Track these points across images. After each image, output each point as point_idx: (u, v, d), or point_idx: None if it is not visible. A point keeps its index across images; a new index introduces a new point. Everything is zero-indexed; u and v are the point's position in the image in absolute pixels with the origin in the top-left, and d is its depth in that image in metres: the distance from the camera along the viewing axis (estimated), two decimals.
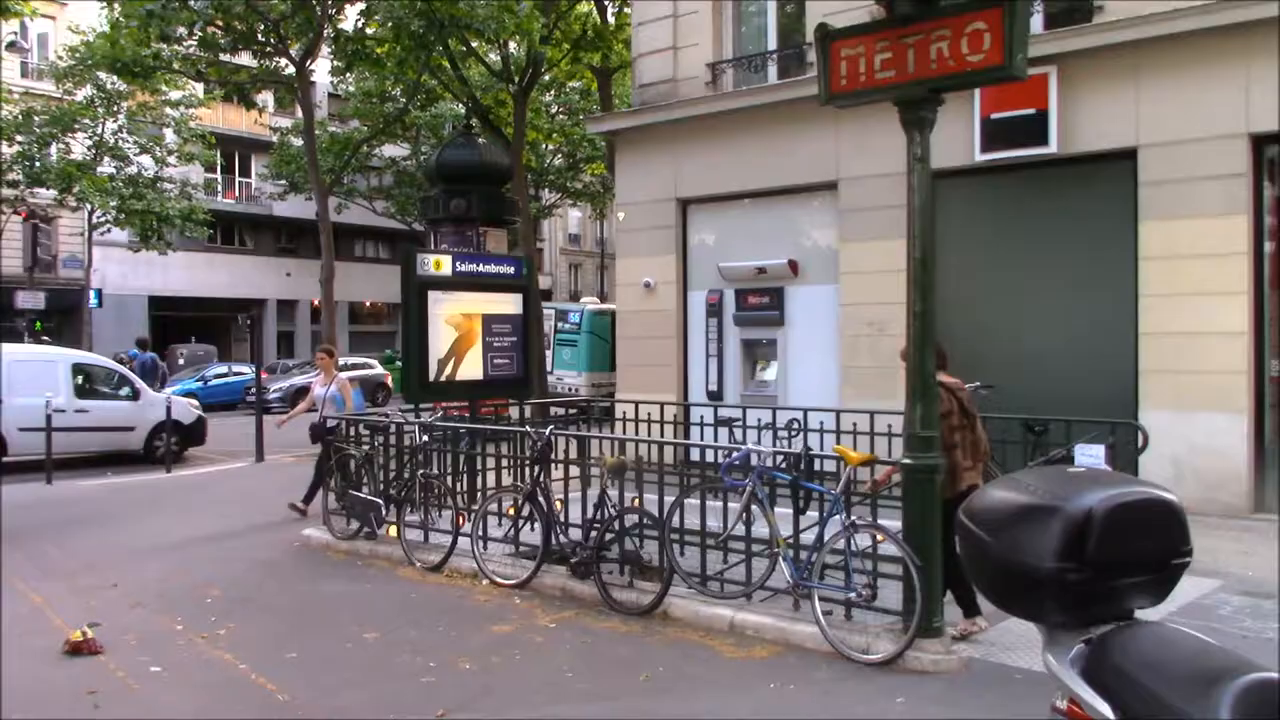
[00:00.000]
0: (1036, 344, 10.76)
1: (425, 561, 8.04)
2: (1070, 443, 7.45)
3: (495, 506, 8.24)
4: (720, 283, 13.33)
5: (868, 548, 5.99)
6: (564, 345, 22.55)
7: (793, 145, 12.39)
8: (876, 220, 11.60)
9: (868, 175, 11.71)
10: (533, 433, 7.75)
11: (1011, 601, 2.03)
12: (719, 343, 13.32)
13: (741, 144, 12.90)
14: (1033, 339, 10.81)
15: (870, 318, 11.73)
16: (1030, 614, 2.00)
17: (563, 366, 22.33)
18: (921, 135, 5.63)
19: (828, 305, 12.33)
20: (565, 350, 22.48)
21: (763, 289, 12.91)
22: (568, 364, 22.28)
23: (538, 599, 7.05)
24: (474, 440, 9.55)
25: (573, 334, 22.40)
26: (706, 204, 13.64)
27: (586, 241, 51.48)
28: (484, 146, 14.37)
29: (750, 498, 6.32)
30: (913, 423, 5.65)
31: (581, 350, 22.01)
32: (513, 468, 9.68)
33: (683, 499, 6.84)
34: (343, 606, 6.94)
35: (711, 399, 12.96)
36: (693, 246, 13.79)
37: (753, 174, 12.84)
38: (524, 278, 10.50)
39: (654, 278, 13.82)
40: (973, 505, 2.11)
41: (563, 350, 22.53)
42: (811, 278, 12.58)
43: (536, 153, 30.40)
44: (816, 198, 12.57)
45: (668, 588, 6.54)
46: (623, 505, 7.13)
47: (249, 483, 13.50)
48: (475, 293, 9.95)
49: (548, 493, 7.46)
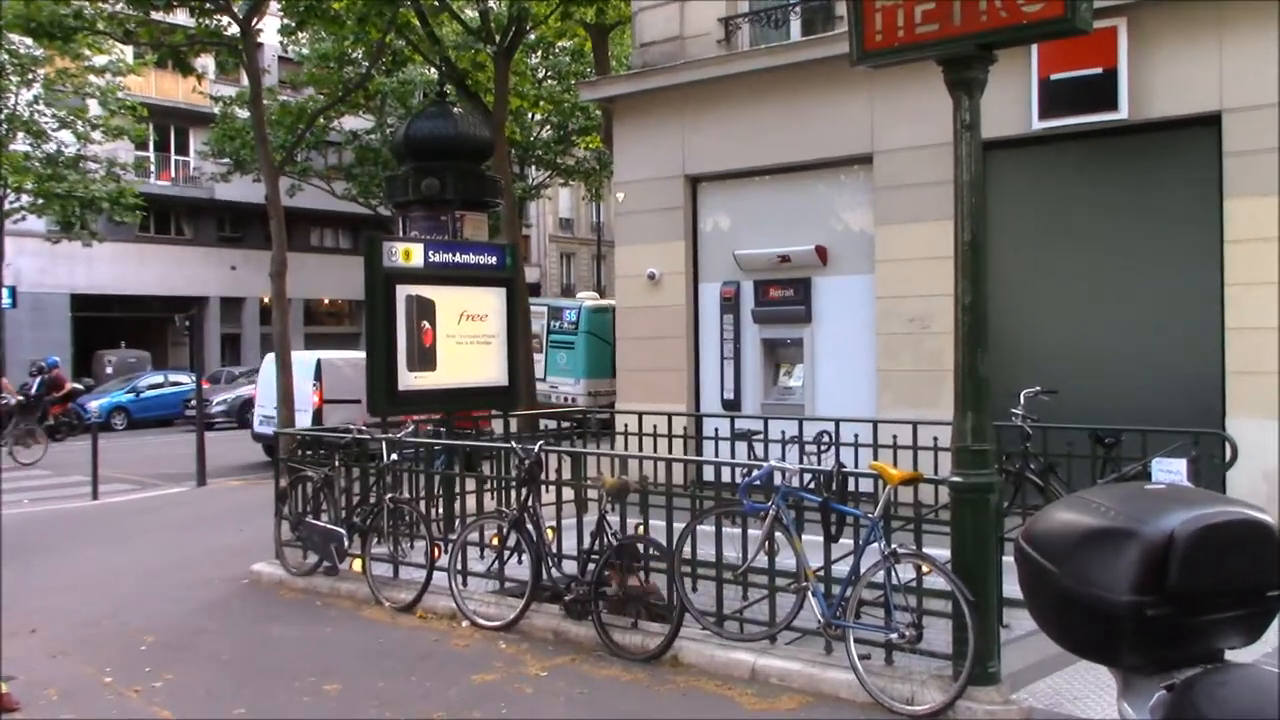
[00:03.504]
0: (1105, 342, 10.80)
1: (395, 600, 8.06)
2: (1146, 456, 7.49)
3: (476, 536, 8.25)
4: (737, 273, 13.38)
5: (911, 581, 6.02)
6: (559, 348, 22.64)
7: (820, 112, 12.43)
8: (918, 199, 11.61)
9: (907, 147, 11.74)
10: (519, 450, 7.80)
11: (1080, 641, 2.03)
12: (735, 343, 13.36)
13: (760, 112, 12.92)
14: (1101, 336, 10.84)
15: (911, 312, 11.75)
16: (1102, 656, 2.00)
17: (558, 373, 22.44)
18: (970, 99, 5.64)
19: (862, 298, 12.35)
20: (560, 354, 22.59)
21: (786, 280, 12.94)
22: (563, 370, 22.38)
23: (526, 643, 7.06)
24: (451, 459, 9.59)
25: (569, 335, 22.47)
26: (720, 182, 13.63)
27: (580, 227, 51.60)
28: (460, 117, 14.42)
29: (774, 523, 6.34)
30: (963, 434, 5.66)
31: (579, 354, 22.04)
32: (496, 491, 9.73)
33: (695, 525, 6.86)
34: (298, 654, 6.96)
35: (727, 409, 13.02)
36: (704, 231, 13.83)
37: (773, 146, 12.87)
38: (508, 269, 10.53)
39: (659, 268, 13.86)
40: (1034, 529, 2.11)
41: (557, 354, 22.63)
42: (843, 266, 12.62)
43: (521, 124, 30.44)
44: (848, 173, 12.60)
45: (678, 629, 6.55)
46: (625, 533, 7.17)
47: (189, 510, 13.55)
48: (451, 287, 10.00)
49: (537, 519, 7.47)
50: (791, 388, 13.05)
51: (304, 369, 16.99)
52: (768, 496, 6.46)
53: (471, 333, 10.17)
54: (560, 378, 22.37)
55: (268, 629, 7.66)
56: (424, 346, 9.86)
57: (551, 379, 22.46)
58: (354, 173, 33.47)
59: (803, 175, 12.87)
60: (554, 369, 22.61)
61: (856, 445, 9.73)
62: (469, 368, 10.15)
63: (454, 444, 9.68)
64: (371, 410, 10.12)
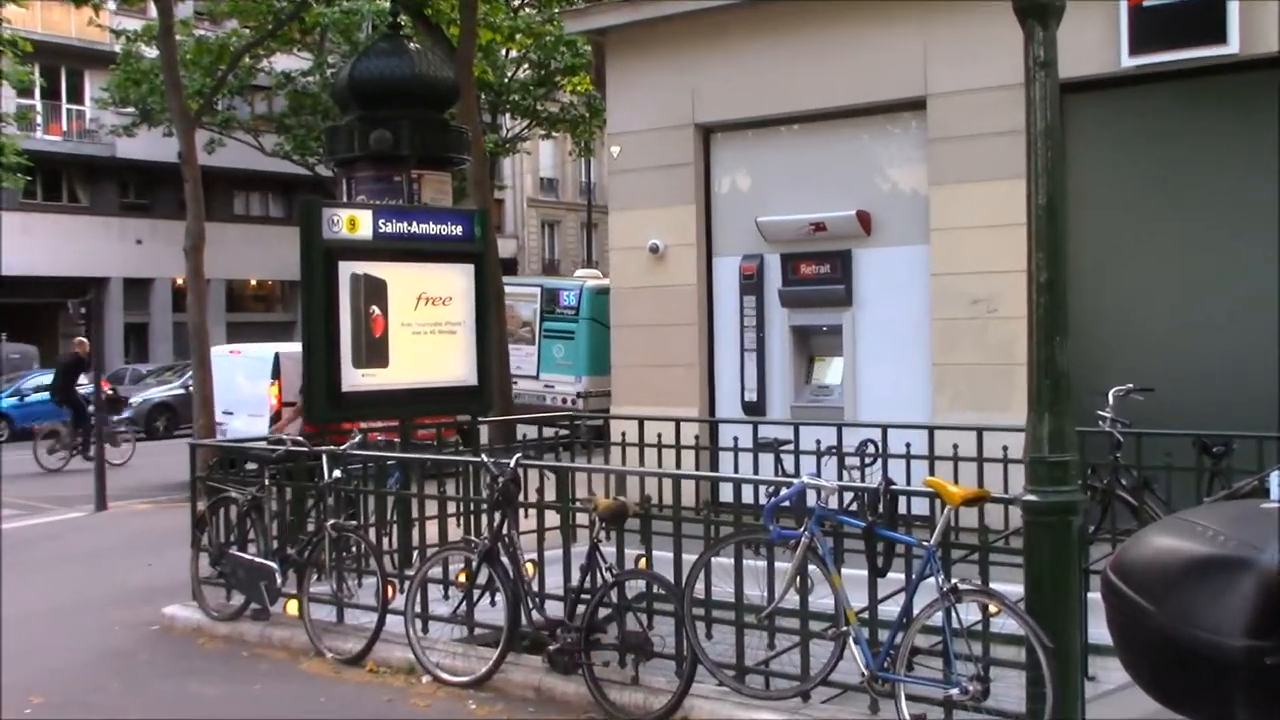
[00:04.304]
0: (1211, 329, 10.80)
1: (340, 651, 8.05)
2: (1263, 468, 7.45)
3: (439, 571, 8.23)
4: (760, 245, 13.31)
5: (976, 623, 6.00)
6: (555, 338, 22.62)
7: (862, 47, 12.39)
8: (982, 152, 11.57)
9: (969, 89, 11.74)
10: (492, 465, 7.78)
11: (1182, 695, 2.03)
12: (759, 332, 13.30)
13: (787, 46, 12.84)
14: (1207, 320, 10.84)
15: (974, 292, 11.71)
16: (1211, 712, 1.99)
17: (554, 369, 22.43)
18: (1045, 30, 5.62)
19: (914, 275, 12.31)
20: (557, 346, 22.56)
21: (821, 254, 12.86)
22: (561, 365, 22.34)
23: (502, 703, 7.03)
24: (407, 476, 9.56)
25: (568, 322, 22.37)
26: (738, 132, 13.48)
27: (566, 189, 51.58)
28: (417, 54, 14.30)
29: (806, 554, 6.33)
30: (1038, 442, 5.65)
31: (581, 345, 21.95)
32: (464, 515, 9.70)
33: (709, 557, 6.84)
34: (221, 718, 6.88)
35: (749, 413, 12.96)
36: (719, 194, 13.73)
37: (804, 89, 12.80)
38: (477, 241, 10.51)
39: (663, 239, 13.79)
40: (1125, 558, 2.11)
41: (553, 346, 22.62)
42: (890, 236, 12.56)
43: (493, 62, 30.40)
44: (896, 122, 12.52)
45: (689, 684, 6.52)
46: (623, 567, 7.14)
47: (86, 541, 13.55)
48: (407, 264, 9.98)
49: (514, 551, 7.46)
50: (828, 386, 13.03)
51: (258, 366, 17.03)
52: (799, 521, 6.45)
53: (432, 320, 10.13)
54: (557, 375, 22.36)
55: (183, 686, 7.60)
56: (373, 338, 9.83)
57: (547, 376, 22.44)
58: (287, 124, 33.42)
59: (840, 124, 12.80)
60: (550, 364, 22.56)
61: (908, 457, 9.70)
62: (429, 363, 10.11)
63: (411, 457, 9.63)
64: (309, 417, 10.13)
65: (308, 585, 8.46)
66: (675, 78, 13.67)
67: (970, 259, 11.70)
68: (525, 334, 23.21)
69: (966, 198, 11.77)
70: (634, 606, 7.05)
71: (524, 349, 23.04)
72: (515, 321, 23.07)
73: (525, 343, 23.10)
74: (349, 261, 9.67)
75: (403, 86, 13.34)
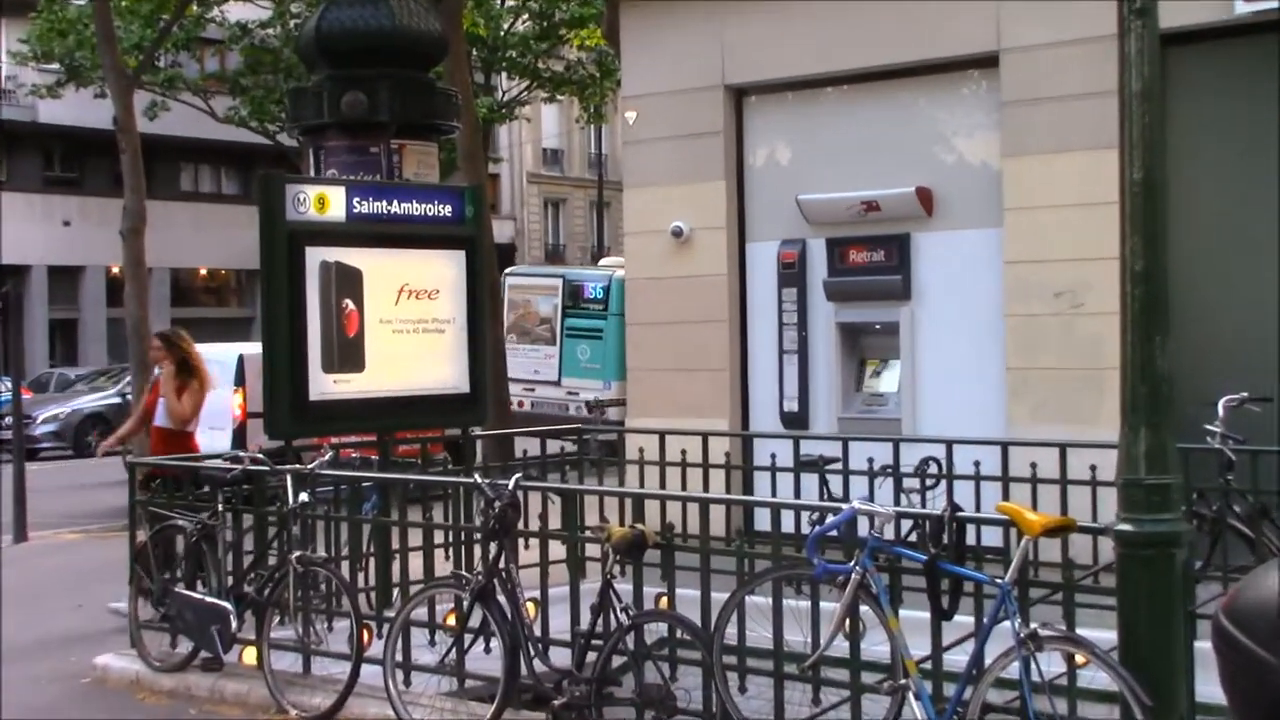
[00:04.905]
0: None
1: (306, 707, 7.99)
2: None
3: (424, 612, 8.15)
4: (802, 228, 13.30)
5: (1059, 676, 5.96)
6: (580, 337, 22.86)
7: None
8: (1065, 118, 11.55)
9: (1049, 43, 11.71)
10: (486, 486, 7.72)
11: None
12: (800, 330, 13.27)
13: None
14: None
15: (1058, 283, 11.66)
16: None
17: (578, 373, 22.67)
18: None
19: (985, 264, 12.29)
20: (582, 346, 22.77)
21: (874, 238, 12.86)
22: (588, 369, 22.57)
23: None
24: (387, 501, 9.52)
25: (595, 319, 22.56)
26: (776, 95, 13.48)
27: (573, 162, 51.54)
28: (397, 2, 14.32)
29: (858, 593, 6.30)
30: (1134, 462, 5.64)
31: (610, 345, 21.90)
32: (454, 546, 9.69)
33: (743, 596, 6.84)
34: None
35: (789, 425, 12.98)
36: (753, 168, 13.70)
37: (854, 44, 12.78)
38: (468, 223, 10.51)
39: (688, 221, 13.77)
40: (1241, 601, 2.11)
41: (577, 346, 22.83)
42: (956, 217, 12.56)
43: (487, 12, 30.36)
44: (963, 82, 12.56)
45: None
46: (641, 608, 7.10)
47: (5, 577, 13.44)
48: (386, 250, 9.97)
49: (513, 588, 7.42)
50: (882, 394, 13.03)
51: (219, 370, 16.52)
52: (849, 554, 6.44)
53: (416, 316, 10.10)
54: (582, 380, 22.55)
55: None
56: (346, 337, 9.79)
57: (570, 382, 22.61)
58: (243, 85, 33.16)
59: (897, 85, 12.78)
60: (573, 368, 22.75)
61: (977, 478, 9.73)
62: (413, 367, 10.10)
63: (392, 478, 9.60)
64: (271, 431, 10.07)
65: (268, 629, 8.39)
66: (702, 30, 13.62)
67: (1051, 244, 11.66)
68: (544, 333, 23.49)
69: (1047, 171, 11.74)
70: (654, 654, 7.02)
71: (543, 350, 23.40)
72: (533, 318, 23.67)
73: (545, 343, 23.43)
74: (318, 247, 9.60)
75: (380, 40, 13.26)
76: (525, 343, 23.65)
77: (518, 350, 22.87)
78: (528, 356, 23.33)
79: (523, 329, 23.92)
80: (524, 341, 23.67)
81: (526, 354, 23.36)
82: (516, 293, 24.17)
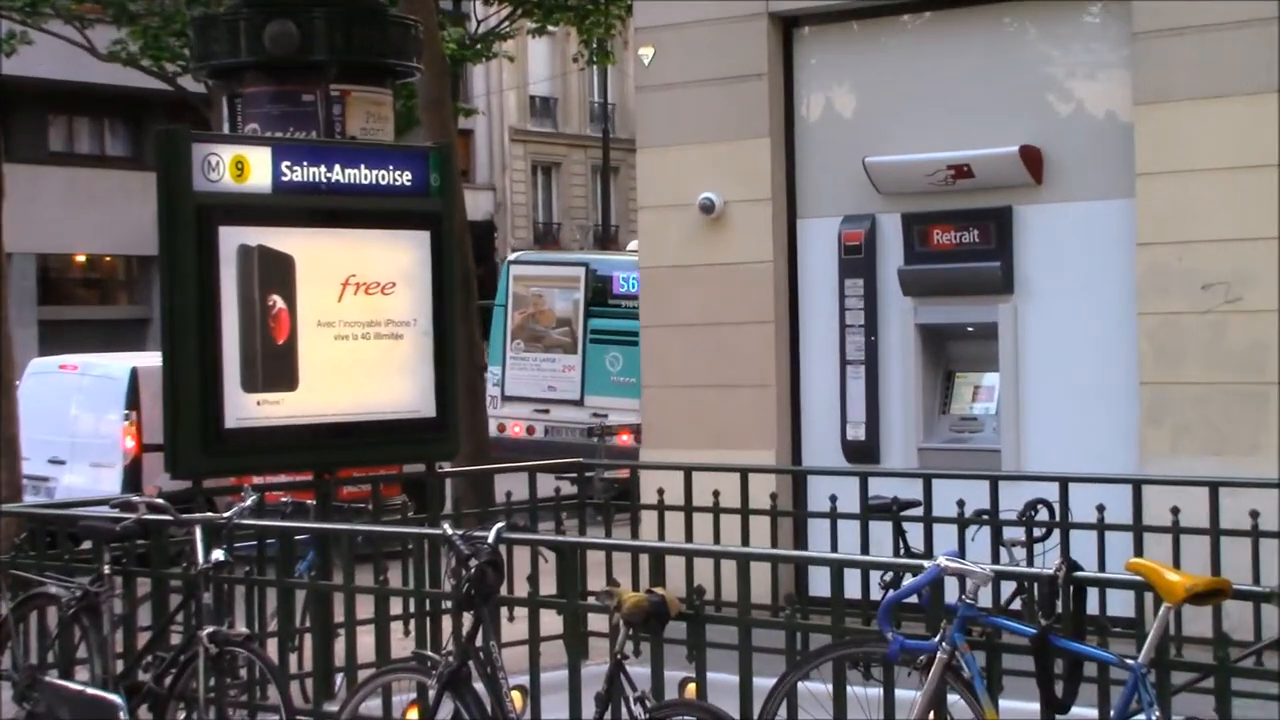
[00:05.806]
0: None
1: None
2: None
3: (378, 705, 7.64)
4: (870, 200, 12.58)
5: None
6: (607, 343, 21.93)
7: None
8: (1215, 54, 10.96)
9: None
10: (459, 539, 7.13)
11: None
12: (869, 334, 12.58)
13: None
14: None
15: (1208, 273, 11.01)
16: None
17: (603, 390, 21.78)
18: None
19: (1111, 246, 11.64)
20: (610, 356, 21.89)
21: (966, 213, 12.17)
22: (617, 384, 21.53)
23: None
24: (327, 559, 8.94)
25: (626, 319, 21.64)
26: (835, 25, 12.94)
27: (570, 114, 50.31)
28: None
29: (945, 675, 6.00)
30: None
31: None
32: (416, 618, 9.00)
33: (795, 681, 6.51)
34: None
35: (853, 458, 12.35)
36: (806, 121, 13.05)
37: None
38: (434, 194, 10.11)
39: (721, 192, 12.93)
40: None
41: (604, 354, 21.97)
42: (1073, 185, 11.89)
43: None
44: (1082, 9, 12.01)
45: None
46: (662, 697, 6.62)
47: None
48: (326, 230, 9.71)
49: (493, 673, 6.95)
50: (976, 418, 12.47)
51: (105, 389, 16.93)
52: (934, 628, 6.09)
53: (366, 317, 9.66)
54: (609, 398, 21.64)
55: None
56: (274, 344, 9.39)
57: (596, 400, 21.78)
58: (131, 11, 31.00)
59: (996, 11, 12.19)
60: (598, 383, 21.90)
61: (1101, 527, 9.18)
62: (361, 384, 9.74)
63: (334, 529, 8.95)
64: (174, 468, 9.52)
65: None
66: None
67: (1199, 220, 11.08)
68: (562, 337, 22.51)
69: (1193, 125, 11.12)
70: None
71: (560, 360, 22.46)
72: (547, 319, 22.71)
73: (563, 350, 22.45)
74: (235, 226, 9.15)
75: None
76: (536, 350, 22.67)
77: (526, 360, 22.29)
78: (540, 368, 22.53)
79: (533, 332, 22.89)
80: (535, 349, 22.65)
81: (538, 365, 22.57)
82: (525, 285, 23.19)
